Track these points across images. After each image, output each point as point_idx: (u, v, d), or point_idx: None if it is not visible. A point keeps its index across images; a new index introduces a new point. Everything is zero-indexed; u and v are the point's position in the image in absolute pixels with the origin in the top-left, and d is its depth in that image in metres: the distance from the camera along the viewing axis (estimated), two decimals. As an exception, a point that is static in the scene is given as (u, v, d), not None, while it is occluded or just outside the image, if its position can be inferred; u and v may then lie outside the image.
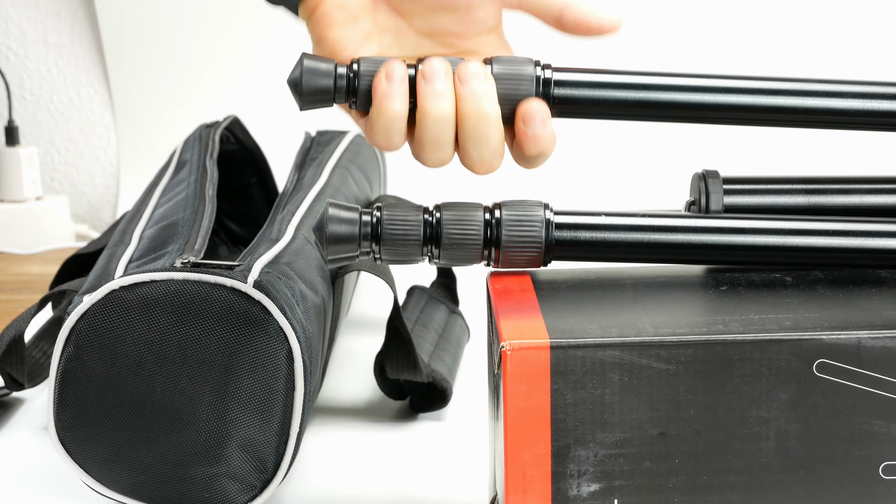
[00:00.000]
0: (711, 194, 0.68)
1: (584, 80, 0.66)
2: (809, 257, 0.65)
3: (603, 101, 0.66)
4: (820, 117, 0.66)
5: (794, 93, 0.66)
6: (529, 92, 0.65)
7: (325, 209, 0.62)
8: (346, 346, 0.99)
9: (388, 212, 0.62)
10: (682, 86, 0.66)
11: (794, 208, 0.69)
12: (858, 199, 0.69)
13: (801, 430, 0.59)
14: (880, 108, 0.66)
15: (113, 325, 0.68)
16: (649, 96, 0.66)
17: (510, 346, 0.58)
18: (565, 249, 0.64)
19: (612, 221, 0.64)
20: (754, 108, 0.66)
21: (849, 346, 0.58)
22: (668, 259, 0.64)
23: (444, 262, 0.63)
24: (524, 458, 0.58)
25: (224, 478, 0.69)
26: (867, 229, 0.65)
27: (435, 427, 0.84)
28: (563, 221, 0.64)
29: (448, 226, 0.62)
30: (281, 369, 0.69)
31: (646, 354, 0.58)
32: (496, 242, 0.63)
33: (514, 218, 0.63)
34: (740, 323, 0.59)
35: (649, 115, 0.66)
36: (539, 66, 0.66)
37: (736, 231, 0.64)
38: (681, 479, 0.59)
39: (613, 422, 0.58)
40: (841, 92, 0.66)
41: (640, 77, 0.66)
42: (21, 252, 1.42)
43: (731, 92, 0.66)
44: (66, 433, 0.69)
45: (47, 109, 1.60)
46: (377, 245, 0.62)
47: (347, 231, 0.62)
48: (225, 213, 1.09)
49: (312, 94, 0.63)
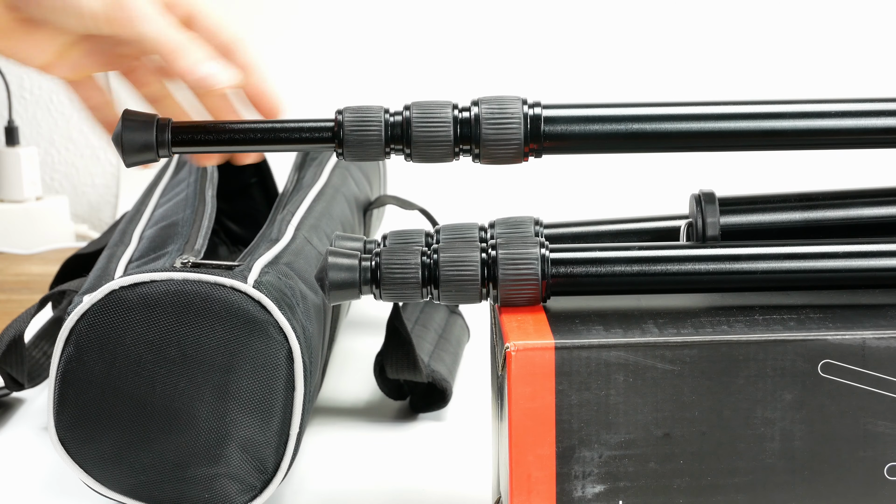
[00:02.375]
0: (707, 220, 0.67)
1: (575, 116, 0.65)
2: (809, 281, 0.64)
3: (596, 135, 0.65)
4: (814, 139, 0.65)
5: (787, 115, 0.65)
6: (518, 133, 0.64)
7: (325, 257, 0.63)
8: (346, 346, 0.99)
9: (387, 256, 0.63)
10: (676, 115, 0.65)
11: (791, 224, 0.68)
12: (856, 212, 0.68)
13: (805, 430, 0.58)
14: (873, 126, 0.66)
15: (113, 325, 0.68)
16: (643, 128, 0.65)
17: (515, 347, 0.58)
18: (563, 286, 0.63)
19: (607, 255, 0.63)
20: (749, 134, 0.65)
21: (853, 346, 0.58)
22: (666, 290, 0.64)
23: (444, 301, 0.63)
24: (529, 459, 0.58)
25: (224, 478, 0.69)
26: (868, 250, 0.64)
27: (435, 427, 0.84)
28: (558, 258, 0.63)
29: (445, 268, 0.63)
30: (281, 369, 0.69)
31: (650, 355, 0.58)
32: (494, 281, 0.63)
33: (509, 256, 0.63)
34: (745, 323, 0.59)
35: (645, 148, 0.66)
36: (526, 105, 0.65)
37: (733, 259, 0.63)
38: (686, 480, 0.59)
39: (618, 423, 0.58)
40: (832, 112, 0.65)
41: (634, 109, 0.65)
42: (21, 252, 1.42)
43: (725, 118, 0.65)
44: (66, 433, 0.69)
45: (47, 109, 1.60)
46: (377, 289, 0.63)
47: (348, 278, 0.63)
48: (225, 213, 1.09)
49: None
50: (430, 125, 0.65)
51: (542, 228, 0.73)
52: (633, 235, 0.74)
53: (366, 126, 0.65)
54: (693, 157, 1.27)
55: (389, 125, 0.65)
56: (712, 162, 1.26)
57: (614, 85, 1.53)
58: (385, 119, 0.65)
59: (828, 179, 1.17)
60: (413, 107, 0.65)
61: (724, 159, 1.39)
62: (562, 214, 0.77)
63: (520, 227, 0.72)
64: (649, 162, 1.48)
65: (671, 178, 1.31)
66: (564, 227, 0.74)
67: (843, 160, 1.31)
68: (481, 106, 0.65)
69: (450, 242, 0.64)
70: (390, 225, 1.08)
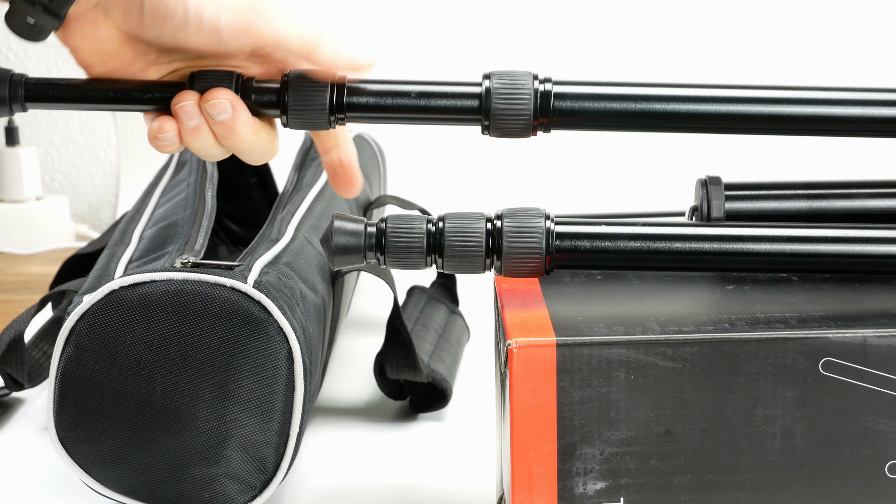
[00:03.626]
0: (713, 201, 0.68)
1: (584, 93, 0.66)
2: (810, 264, 0.64)
3: (604, 112, 0.66)
4: (820, 126, 0.66)
5: (794, 101, 0.66)
6: (528, 106, 0.65)
7: (331, 221, 0.63)
8: (346, 346, 0.99)
9: (393, 222, 0.63)
10: (682, 96, 0.66)
11: (795, 213, 0.69)
12: (860, 203, 0.69)
13: (807, 428, 0.58)
14: (882, 115, 0.66)
15: (113, 325, 0.68)
16: (650, 107, 0.66)
17: (517, 344, 0.58)
18: (566, 258, 0.63)
19: (612, 230, 0.64)
20: (755, 118, 0.66)
21: (855, 344, 0.58)
22: (669, 267, 0.64)
23: (448, 270, 0.63)
24: (530, 455, 0.58)
25: (224, 478, 0.69)
26: (869, 236, 0.64)
27: (435, 427, 0.84)
28: (563, 231, 0.63)
29: (450, 235, 0.63)
30: (281, 369, 0.69)
31: (652, 352, 0.58)
32: (498, 252, 0.63)
33: (514, 227, 0.63)
34: (746, 321, 0.59)
35: (650, 126, 0.66)
36: (538, 80, 0.66)
37: (736, 239, 0.64)
38: (687, 478, 0.59)
39: (619, 420, 0.58)
40: (841, 99, 0.66)
41: (640, 88, 0.66)
42: (21, 252, 1.42)
43: (732, 102, 0.66)
44: (66, 433, 0.69)
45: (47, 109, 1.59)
46: (382, 255, 0.63)
47: (353, 242, 0.63)
48: (225, 213, 1.09)
49: None
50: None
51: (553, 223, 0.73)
52: None
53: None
54: (699, 145, 1.27)
55: None
56: (718, 150, 1.26)
57: (625, 65, 1.53)
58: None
59: (834, 169, 1.18)
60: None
61: (731, 147, 1.39)
62: (568, 211, 0.77)
63: (527, 211, 0.73)
64: (655, 151, 1.48)
65: (677, 166, 1.31)
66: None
67: (849, 150, 1.31)
68: (493, 79, 0.66)
69: (457, 215, 0.64)
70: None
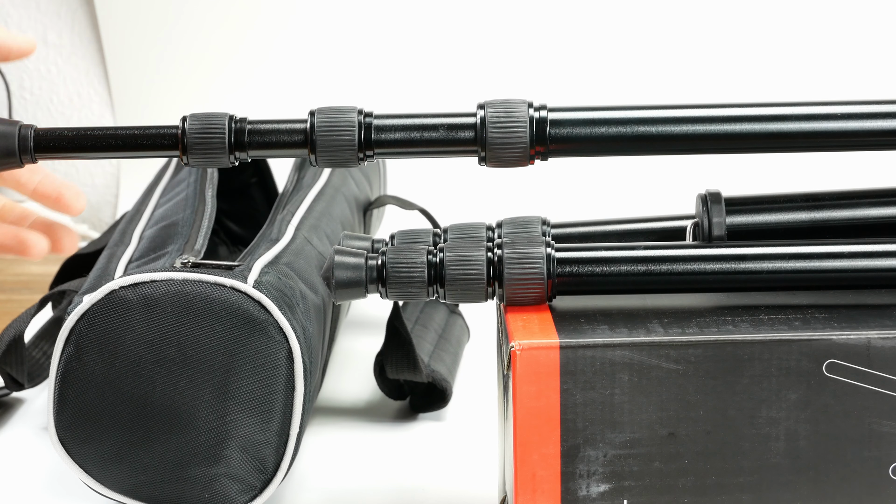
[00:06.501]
0: (714, 220, 0.67)
1: (580, 119, 0.65)
2: (814, 281, 0.64)
3: (601, 138, 0.65)
4: (821, 141, 0.65)
5: (794, 118, 0.65)
6: (524, 135, 0.64)
7: (331, 256, 0.64)
8: (346, 346, 0.99)
9: (393, 255, 0.63)
10: (681, 118, 0.65)
11: (797, 224, 0.68)
12: (861, 213, 0.69)
13: (810, 430, 0.58)
14: (880, 128, 0.65)
15: (113, 325, 0.68)
16: (648, 130, 0.65)
17: (520, 346, 0.58)
18: (568, 283, 0.63)
19: (613, 254, 0.63)
20: (756, 136, 0.65)
21: (858, 346, 0.58)
22: (672, 290, 0.64)
23: (450, 300, 0.64)
24: (533, 458, 0.58)
25: (224, 478, 0.68)
26: (873, 250, 0.63)
27: (435, 427, 0.84)
28: (564, 257, 0.63)
29: (451, 266, 0.63)
30: (281, 369, 0.69)
31: (655, 354, 0.58)
32: (499, 280, 0.63)
33: (515, 256, 0.63)
34: (750, 323, 0.59)
35: (651, 150, 0.66)
36: (532, 108, 0.65)
37: (739, 258, 0.63)
38: (690, 480, 0.59)
39: (623, 422, 0.58)
40: (835, 114, 0.65)
41: (638, 111, 0.65)
42: (20, 252, 1.42)
43: (730, 121, 0.65)
44: (66, 433, 0.69)
45: (47, 109, 1.59)
46: (384, 287, 0.64)
47: (354, 276, 0.63)
48: (225, 213, 1.09)
49: None
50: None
51: (550, 228, 0.73)
52: (639, 235, 0.74)
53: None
54: (699, 159, 1.27)
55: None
56: (718, 163, 1.26)
57: (620, 88, 1.53)
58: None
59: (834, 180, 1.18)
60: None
61: (731, 160, 1.39)
62: (567, 214, 0.77)
63: (527, 227, 0.72)
64: (655, 162, 1.48)
65: (677, 178, 1.31)
66: (571, 227, 0.74)
67: (849, 161, 1.31)
68: (487, 109, 0.65)
69: (456, 241, 0.64)
70: (390, 225, 1.08)
